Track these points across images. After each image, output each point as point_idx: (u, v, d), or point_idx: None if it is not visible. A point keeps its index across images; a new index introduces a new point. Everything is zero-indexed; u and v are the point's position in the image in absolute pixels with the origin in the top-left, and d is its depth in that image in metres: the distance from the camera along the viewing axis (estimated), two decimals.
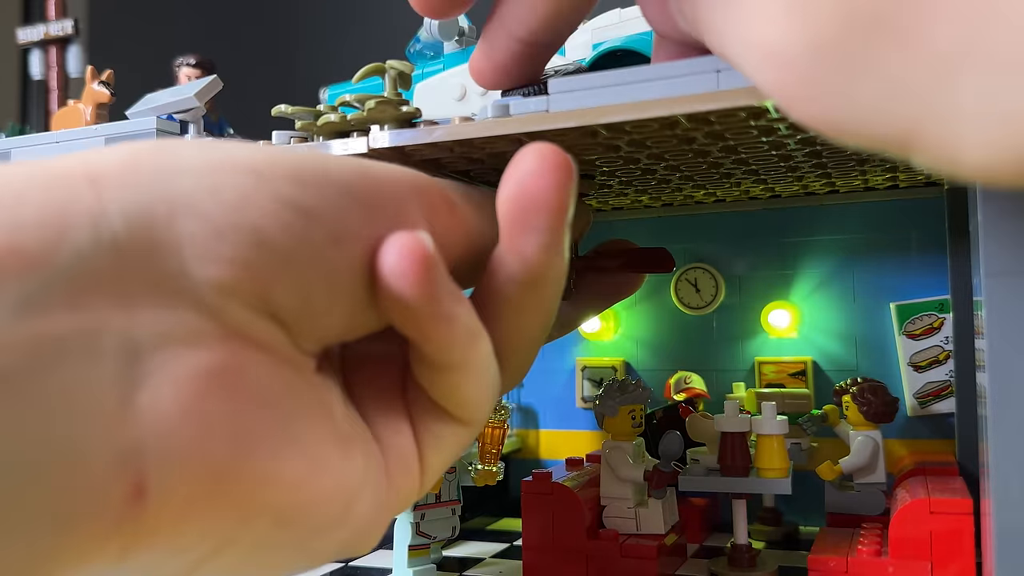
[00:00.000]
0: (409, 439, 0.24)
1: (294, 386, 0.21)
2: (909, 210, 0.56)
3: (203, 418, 0.18)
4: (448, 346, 0.22)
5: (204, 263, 0.19)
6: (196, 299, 0.19)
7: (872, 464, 0.51)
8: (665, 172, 0.43)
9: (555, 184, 0.22)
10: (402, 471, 0.24)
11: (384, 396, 0.24)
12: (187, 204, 0.19)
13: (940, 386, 0.55)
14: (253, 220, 0.19)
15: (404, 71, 0.36)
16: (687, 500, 0.55)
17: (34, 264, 0.17)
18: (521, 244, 0.23)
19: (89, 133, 0.43)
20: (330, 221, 0.20)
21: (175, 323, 0.18)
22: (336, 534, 0.22)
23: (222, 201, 0.19)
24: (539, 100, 0.31)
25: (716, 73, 0.29)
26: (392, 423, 0.24)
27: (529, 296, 0.24)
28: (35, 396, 0.16)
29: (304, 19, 1.13)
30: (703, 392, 0.58)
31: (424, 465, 0.24)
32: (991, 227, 0.25)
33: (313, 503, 0.20)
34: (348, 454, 0.22)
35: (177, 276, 0.18)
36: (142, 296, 0.18)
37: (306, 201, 0.20)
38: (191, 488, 0.18)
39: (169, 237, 0.18)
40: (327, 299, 0.21)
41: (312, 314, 0.21)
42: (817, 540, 0.46)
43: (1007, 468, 0.25)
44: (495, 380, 0.24)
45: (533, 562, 0.48)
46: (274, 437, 0.19)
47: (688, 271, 0.62)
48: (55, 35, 0.65)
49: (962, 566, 0.41)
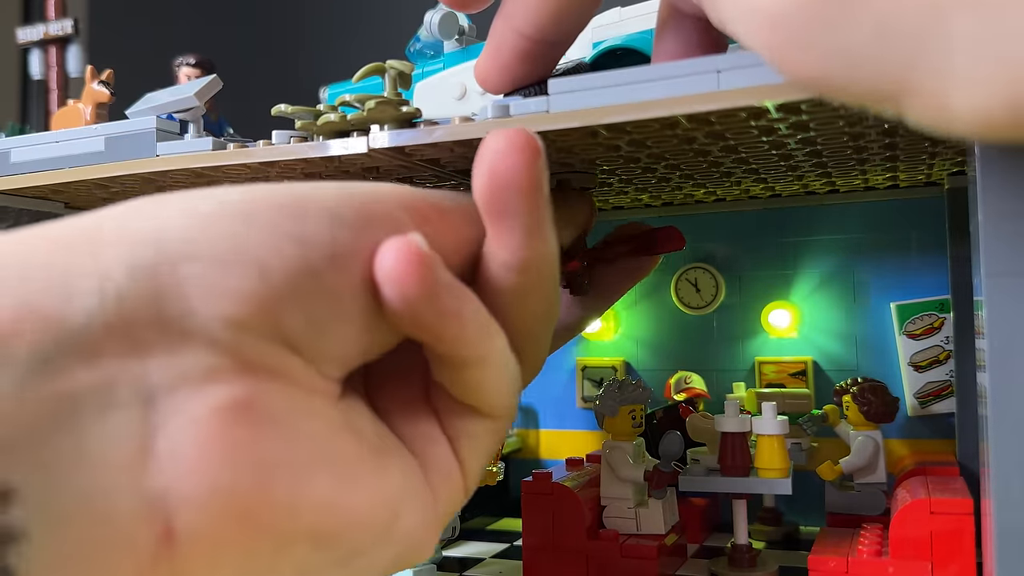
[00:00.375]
0: (444, 445, 0.24)
1: (316, 411, 0.21)
2: (909, 210, 0.56)
3: (223, 453, 0.18)
4: (462, 343, 0.22)
5: (211, 300, 0.19)
6: (207, 337, 0.19)
7: (872, 464, 0.51)
8: (665, 171, 0.43)
9: (524, 163, 0.23)
10: (443, 478, 0.24)
11: (412, 408, 0.24)
12: (186, 249, 0.19)
13: (940, 386, 0.55)
14: (253, 253, 0.20)
15: (404, 71, 0.36)
16: (687, 500, 0.55)
17: (47, 327, 0.17)
18: (502, 229, 0.23)
19: (89, 133, 0.43)
20: (325, 245, 0.21)
21: (188, 364, 0.19)
22: (383, 551, 0.22)
23: (219, 240, 0.19)
24: (539, 100, 0.31)
25: (716, 73, 0.29)
26: (424, 433, 0.24)
27: (523, 281, 0.24)
28: (58, 453, 0.17)
29: (304, 19, 1.13)
30: (703, 392, 0.58)
31: (464, 468, 0.24)
32: (991, 227, 0.25)
33: (350, 523, 0.20)
34: (383, 470, 0.22)
35: (185, 317, 0.19)
36: (153, 343, 0.18)
37: (298, 230, 0.20)
38: (219, 524, 0.18)
39: (173, 281, 0.19)
40: (336, 321, 0.21)
41: (324, 338, 0.21)
42: (817, 540, 0.46)
43: (1007, 468, 0.25)
44: (515, 371, 0.25)
45: (533, 562, 0.48)
46: (298, 463, 0.20)
47: (688, 271, 0.62)
48: (55, 35, 0.65)
49: (962, 566, 0.41)
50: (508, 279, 0.24)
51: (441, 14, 0.48)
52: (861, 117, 0.32)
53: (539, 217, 0.23)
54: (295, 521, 0.19)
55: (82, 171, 0.43)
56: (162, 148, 0.40)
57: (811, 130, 0.34)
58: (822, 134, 0.35)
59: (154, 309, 0.18)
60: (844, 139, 0.37)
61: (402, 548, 0.22)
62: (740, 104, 0.29)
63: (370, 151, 0.35)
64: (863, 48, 0.19)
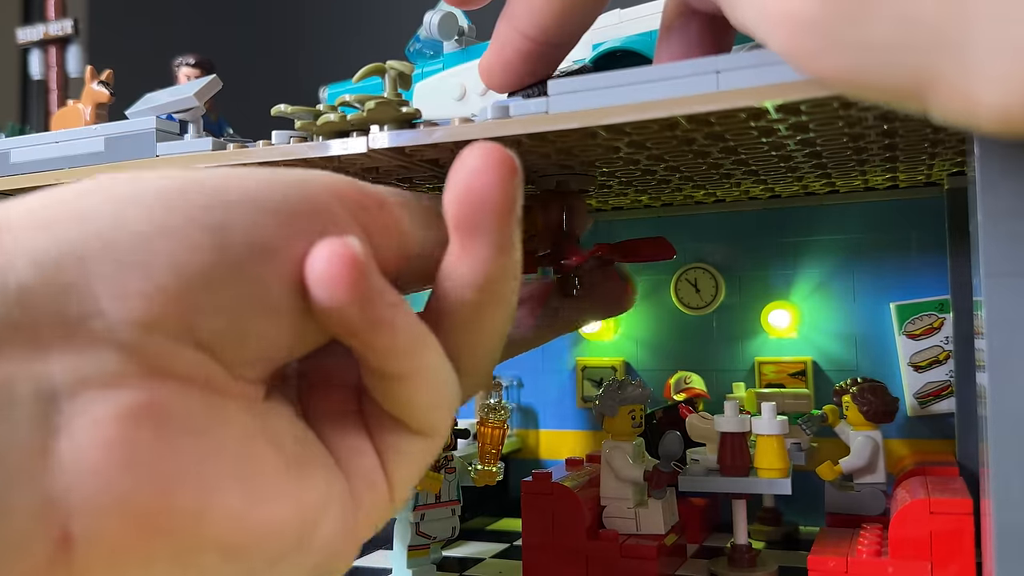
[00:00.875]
0: (371, 457, 0.23)
1: (230, 417, 0.20)
2: (909, 210, 0.56)
3: (125, 459, 0.18)
4: (392, 354, 0.21)
5: (119, 301, 0.18)
6: (115, 339, 0.18)
7: (872, 464, 0.51)
8: (665, 172, 0.43)
9: (500, 181, 0.22)
10: (367, 489, 0.23)
11: (341, 416, 0.23)
12: (98, 244, 0.18)
13: (940, 386, 0.55)
14: (166, 247, 0.19)
15: (404, 71, 0.36)
16: (687, 500, 0.55)
17: None
18: (471, 246, 0.22)
19: (88, 133, 0.43)
20: (246, 235, 0.20)
21: (93, 366, 0.18)
22: (299, 560, 0.21)
23: (132, 234, 0.19)
24: (539, 101, 0.31)
25: (716, 74, 0.29)
26: (351, 442, 0.23)
27: (484, 298, 0.23)
28: None
29: (304, 19, 1.13)
30: (703, 392, 0.58)
31: (391, 481, 0.23)
32: (991, 227, 0.25)
33: (262, 534, 0.20)
34: (301, 480, 0.21)
35: (93, 317, 0.18)
36: (57, 342, 0.18)
37: (216, 219, 0.20)
38: (119, 530, 0.18)
39: (80, 279, 0.18)
40: (258, 318, 0.20)
41: (244, 336, 0.20)
42: (817, 540, 0.46)
43: (1007, 468, 0.25)
44: (452, 387, 0.24)
45: (533, 562, 0.48)
46: (205, 471, 0.19)
47: (688, 271, 0.62)
48: (55, 35, 0.65)
49: (962, 566, 0.41)
50: (467, 295, 0.23)
51: (441, 14, 0.48)
52: (861, 118, 0.32)
53: (509, 236, 0.22)
54: (200, 531, 0.19)
55: (82, 171, 0.43)
56: (162, 148, 0.40)
57: (811, 131, 0.34)
58: (822, 135, 0.35)
59: (59, 307, 0.18)
60: (844, 140, 0.37)
61: (320, 558, 0.22)
62: (740, 105, 0.29)
63: (370, 151, 0.35)
64: (885, 43, 0.19)
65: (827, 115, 0.32)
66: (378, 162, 0.37)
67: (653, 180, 0.45)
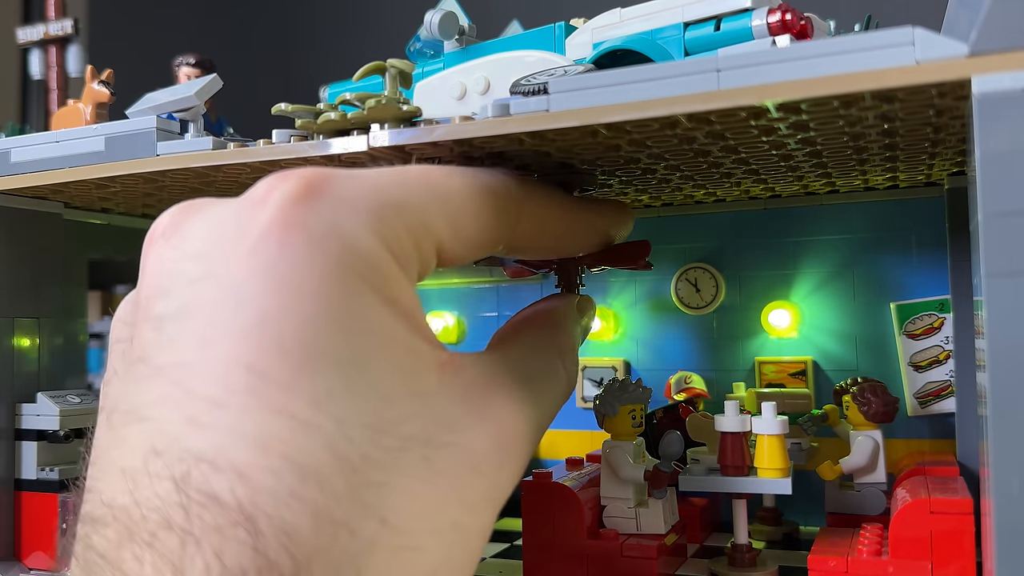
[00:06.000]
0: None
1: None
2: (909, 210, 0.56)
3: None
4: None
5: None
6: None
7: (872, 464, 0.51)
8: (665, 172, 0.43)
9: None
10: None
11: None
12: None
13: (940, 386, 0.55)
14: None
15: (405, 70, 0.36)
16: (687, 500, 0.55)
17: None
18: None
19: (88, 132, 0.43)
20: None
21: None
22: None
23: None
24: (539, 100, 0.31)
25: (716, 73, 0.29)
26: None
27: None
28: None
29: (304, 19, 1.13)
30: (703, 392, 0.58)
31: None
32: (991, 227, 0.25)
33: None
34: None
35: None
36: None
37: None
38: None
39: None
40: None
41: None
42: (817, 540, 0.46)
43: (1007, 468, 0.25)
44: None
45: (533, 562, 0.48)
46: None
47: (688, 271, 0.62)
48: (55, 35, 0.65)
49: (962, 566, 0.41)
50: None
51: (441, 14, 0.48)
52: (861, 117, 0.32)
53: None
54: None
55: (82, 171, 0.43)
56: (162, 148, 0.40)
57: (811, 130, 0.34)
58: (822, 134, 0.35)
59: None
60: (844, 139, 0.37)
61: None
62: (740, 103, 0.29)
63: (370, 150, 0.35)
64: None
65: (827, 114, 0.32)
66: (379, 161, 0.37)
67: (653, 179, 0.45)
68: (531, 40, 0.46)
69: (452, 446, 0.22)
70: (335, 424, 0.19)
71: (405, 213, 0.23)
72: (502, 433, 0.24)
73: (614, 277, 0.64)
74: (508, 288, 0.67)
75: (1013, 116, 0.25)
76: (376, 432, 0.20)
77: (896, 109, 0.31)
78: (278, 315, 0.20)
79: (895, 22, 0.28)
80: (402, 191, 0.24)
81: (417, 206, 0.24)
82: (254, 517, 0.18)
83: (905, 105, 0.31)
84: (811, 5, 0.40)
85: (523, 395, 0.26)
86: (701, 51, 0.38)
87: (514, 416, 0.25)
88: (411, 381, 0.22)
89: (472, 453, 0.23)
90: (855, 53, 0.28)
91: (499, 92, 0.45)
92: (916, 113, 0.32)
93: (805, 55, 0.28)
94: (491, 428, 0.24)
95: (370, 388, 0.20)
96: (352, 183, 0.23)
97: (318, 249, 0.21)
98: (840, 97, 0.29)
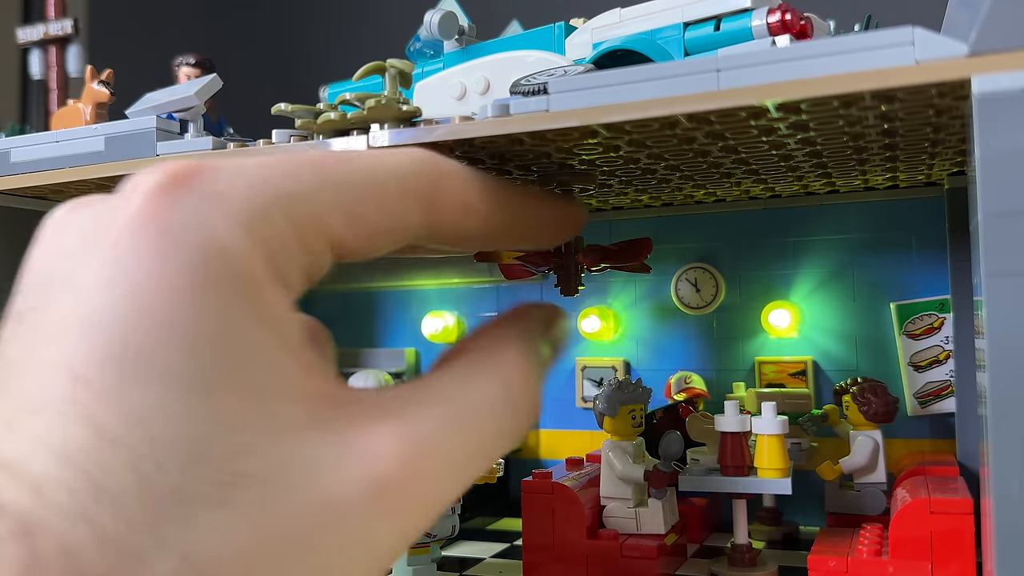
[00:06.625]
0: None
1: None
2: (909, 210, 0.56)
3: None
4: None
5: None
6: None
7: (872, 464, 0.51)
8: (665, 172, 0.43)
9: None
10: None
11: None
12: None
13: (940, 386, 0.55)
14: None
15: (405, 70, 0.36)
16: (687, 500, 0.55)
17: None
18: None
19: (88, 132, 0.43)
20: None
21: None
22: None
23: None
24: (539, 100, 0.31)
25: (716, 73, 0.29)
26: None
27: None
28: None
29: (304, 19, 1.13)
30: (703, 392, 0.58)
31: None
32: (991, 227, 0.25)
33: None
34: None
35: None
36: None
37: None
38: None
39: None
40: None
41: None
42: (817, 540, 0.46)
43: (1007, 468, 0.25)
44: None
45: (533, 562, 0.48)
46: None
47: (688, 271, 0.62)
48: (55, 35, 0.65)
49: (962, 566, 0.41)
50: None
51: (441, 14, 0.48)
52: (861, 117, 0.32)
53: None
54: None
55: (82, 171, 0.43)
56: (162, 147, 0.40)
57: (811, 130, 0.34)
58: (822, 134, 0.35)
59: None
60: (844, 139, 0.37)
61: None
62: (740, 103, 0.29)
63: (370, 150, 0.35)
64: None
65: (827, 114, 0.32)
66: None
67: (653, 179, 0.45)
68: (531, 40, 0.46)
69: (304, 491, 0.19)
70: (148, 446, 0.17)
71: (289, 206, 0.21)
72: (387, 480, 0.20)
73: (614, 277, 0.64)
74: (508, 288, 0.67)
75: (1013, 116, 0.25)
76: (198, 463, 0.18)
77: (896, 109, 0.31)
78: (117, 320, 0.18)
79: (895, 22, 0.28)
80: (289, 181, 0.21)
81: (305, 197, 0.21)
82: (34, 533, 0.16)
83: (905, 105, 0.31)
84: (811, 5, 0.40)
85: (434, 434, 0.22)
86: (701, 51, 0.38)
87: (408, 459, 0.21)
88: (265, 410, 0.19)
89: (333, 502, 0.19)
90: (855, 53, 0.28)
91: (499, 92, 0.45)
92: (916, 113, 0.32)
93: (805, 55, 0.28)
94: (369, 473, 0.20)
95: (208, 413, 0.18)
96: (227, 174, 0.20)
97: (171, 247, 0.19)
98: (840, 97, 0.29)
